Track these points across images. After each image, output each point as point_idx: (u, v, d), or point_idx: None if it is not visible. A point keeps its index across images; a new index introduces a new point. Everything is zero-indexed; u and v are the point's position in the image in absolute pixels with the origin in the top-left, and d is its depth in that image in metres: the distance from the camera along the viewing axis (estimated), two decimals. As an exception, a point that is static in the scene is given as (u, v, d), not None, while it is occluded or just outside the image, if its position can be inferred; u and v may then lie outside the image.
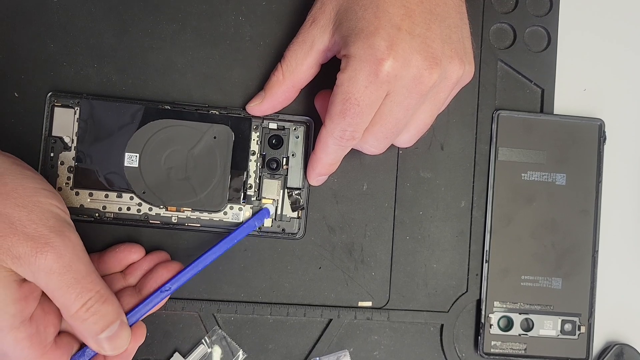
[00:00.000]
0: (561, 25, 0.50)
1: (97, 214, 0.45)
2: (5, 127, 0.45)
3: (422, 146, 0.48)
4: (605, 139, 0.49)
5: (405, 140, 0.44)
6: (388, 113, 0.40)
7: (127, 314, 0.41)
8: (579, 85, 0.50)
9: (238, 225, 0.45)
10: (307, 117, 0.46)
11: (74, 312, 0.38)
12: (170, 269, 0.43)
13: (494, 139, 0.48)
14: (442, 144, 0.48)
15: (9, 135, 0.45)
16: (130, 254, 0.44)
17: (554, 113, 0.49)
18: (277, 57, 0.46)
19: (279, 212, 0.46)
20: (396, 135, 0.42)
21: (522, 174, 0.48)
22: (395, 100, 0.40)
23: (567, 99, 0.50)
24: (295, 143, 0.46)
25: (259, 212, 0.45)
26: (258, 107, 0.45)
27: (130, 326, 0.41)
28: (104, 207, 0.45)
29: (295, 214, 0.46)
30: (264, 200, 0.46)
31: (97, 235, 0.45)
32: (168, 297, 0.43)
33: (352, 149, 0.43)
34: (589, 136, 0.49)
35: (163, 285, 0.42)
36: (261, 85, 0.46)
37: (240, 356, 0.46)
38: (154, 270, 0.43)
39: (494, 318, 0.47)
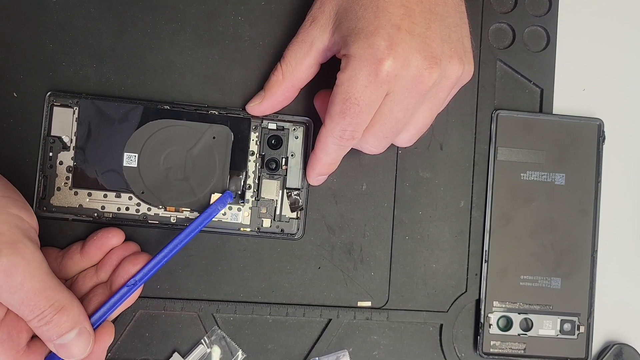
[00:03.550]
0: (560, 25, 0.50)
1: (95, 214, 0.45)
2: (5, 127, 0.45)
3: (421, 146, 0.48)
4: (604, 138, 0.49)
5: (405, 139, 0.44)
6: (388, 113, 0.40)
7: (93, 314, 0.41)
8: (578, 85, 0.50)
9: (202, 211, 0.44)
10: (307, 118, 0.46)
11: (28, 321, 0.38)
12: (136, 262, 0.42)
13: (493, 139, 0.48)
14: (442, 144, 0.48)
15: (8, 135, 0.45)
16: (108, 239, 0.43)
17: (553, 113, 0.49)
18: (276, 57, 0.46)
19: (277, 212, 0.46)
20: (396, 135, 0.42)
21: (521, 174, 0.48)
22: (395, 99, 0.40)
23: (566, 99, 0.50)
24: (294, 143, 0.46)
25: (221, 196, 0.44)
26: (258, 107, 0.45)
27: (97, 327, 0.41)
28: (103, 207, 0.45)
29: (294, 215, 0.46)
30: (262, 201, 0.46)
31: (96, 236, 0.45)
32: (138, 291, 0.42)
33: (351, 148, 0.43)
34: (588, 136, 0.49)
35: (129, 279, 0.42)
36: (260, 85, 0.46)
37: (240, 356, 0.46)
38: (121, 264, 0.43)
39: (493, 318, 0.47)
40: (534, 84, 0.49)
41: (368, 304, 0.47)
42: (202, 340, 0.46)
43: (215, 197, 0.45)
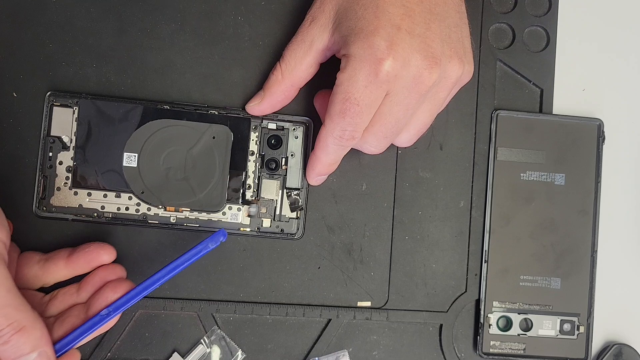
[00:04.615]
0: (560, 25, 0.50)
1: (95, 214, 0.45)
2: (4, 127, 0.45)
3: (421, 146, 0.48)
4: (604, 139, 0.49)
5: (405, 139, 0.44)
6: (388, 113, 0.40)
7: (59, 341, 0.40)
8: (578, 85, 0.50)
9: (193, 246, 0.42)
10: (307, 118, 0.46)
11: None
12: (116, 290, 0.41)
13: (493, 139, 0.48)
14: (441, 144, 0.48)
15: (7, 135, 0.45)
16: (100, 255, 0.42)
17: (553, 113, 0.49)
18: (276, 57, 0.46)
19: (277, 212, 0.46)
20: (396, 135, 0.42)
21: (521, 174, 0.48)
22: (394, 100, 0.40)
23: (566, 99, 0.50)
24: (294, 143, 0.46)
25: (215, 233, 0.42)
26: (257, 107, 0.45)
27: (61, 354, 0.40)
28: (103, 207, 0.45)
29: (294, 215, 0.46)
30: (262, 200, 0.46)
31: (96, 236, 0.45)
32: (113, 320, 0.41)
33: (351, 148, 0.43)
34: (588, 136, 0.49)
35: (104, 308, 0.40)
36: (260, 85, 0.46)
37: (239, 356, 0.46)
38: (102, 289, 0.41)
39: (493, 318, 0.47)
40: (534, 84, 0.49)
41: (368, 304, 0.47)
42: (201, 340, 0.46)
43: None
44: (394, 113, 0.40)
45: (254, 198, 0.46)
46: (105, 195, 0.45)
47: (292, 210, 0.46)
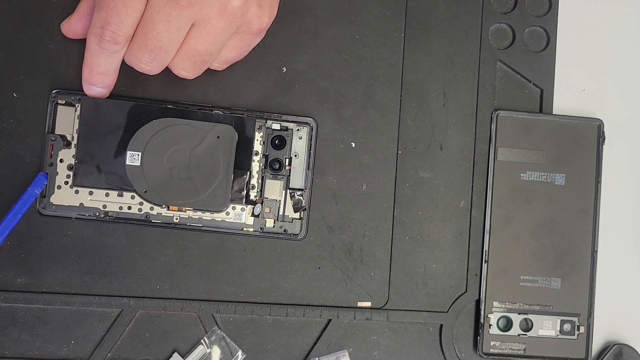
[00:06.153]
0: (560, 25, 0.50)
1: (97, 213, 0.45)
2: (5, 126, 0.45)
3: (421, 146, 0.48)
4: (604, 139, 0.49)
5: (178, 64, 0.42)
6: (149, 20, 0.39)
7: None
8: (578, 85, 0.50)
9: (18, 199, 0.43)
10: (311, 118, 0.46)
11: None
12: None
13: (493, 139, 0.48)
14: (441, 144, 0.48)
15: (8, 134, 0.45)
16: None
17: (553, 113, 0.49)
18: (278, 57, 0.46)
19: (281, 212, 0.46)
20: (160, 50, 0.41)
21: (521, 174, 0.48)
22: (155, 5, 0.39)
23: (566, 99, 0.50)
24: (298, 144, 0.46)
25: (35, 179, 0.44)
26: (66, 24, 0.44)
27: None
28: (105, 206, 0.45)
29: (297, 215, 0.46)
30: (266, 201, 0.46)
31: (97, 234, 0.45)
32: None
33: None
34: (588, 136, 0.49)
35: None
36: (262, 84, 0.46)
37: (240, 356, 0.46)
38: None
39: (493, 318, 0.47)
40: (534, 84, 0.49)
41: (368, 304, 0.47)
42: (202, 341, 0.46)
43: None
44: (155, 22, 0.39)
45: (257, 198, 0.46)
46: (107, 194, 0.45)
47: (295, 211, 0.46)
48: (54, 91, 0.45)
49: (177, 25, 0.40)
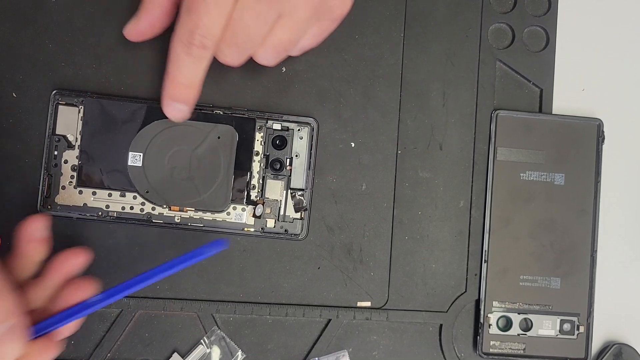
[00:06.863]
0: (560, 25, 0.50)
1: (100, 213, 0.45)
2: (5, 127, 0.45)
3: (420, 146, 0.48)
4: (603, 138, 0.49)
5: (262, 57, 0.41)
6: (239, 19, 0.38)
7: (39, 323, 0.37)
8: (577, 85, 0.50)
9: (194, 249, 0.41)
10: (311, 118, 0.46)
11: None
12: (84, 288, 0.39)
13: (493, 139, 0.48)
14: (441, 144, 0.48)
15: (8, 134, 0.45)
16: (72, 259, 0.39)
17: (553, 113, 0.49)
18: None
19: (281, 212, 0.46)
20: (251, 48, 0.40)
21: (521, 174, 0.48)
22: (245, 3, 0.38)
23: (566, 99, 0.50)
24: (299, 144, 0.46)
25: (216, 241, 0.40)
26: (135, 27, 0.42)
27: (37, 337, 0.36)
28: (107, 206, 0.45)
29: (297, 215, 0.46)
30: (267, 201, 0.46)
31: (99, 235, 0.45)
32: (99, 308, 0.39)
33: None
34: (588, 136, 0.49)
35: (92, 297, 0.39)
36: (263, 84, 0.46)
37: (239, 356, 0.46)
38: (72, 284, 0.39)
39: (493, 318, 0.47)
40: (534, 84, 0.49)
41: (368, 304, 0.47)
42: (201, 341, 0.46)
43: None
44: (245, 19, 0.38)
45: (258, 198, 0.46)
46: (110, 195, 0.45)
47: (296, 211, 0.46)
48: (54, 91, 0.45)
49: (266, 19, 0.39)
